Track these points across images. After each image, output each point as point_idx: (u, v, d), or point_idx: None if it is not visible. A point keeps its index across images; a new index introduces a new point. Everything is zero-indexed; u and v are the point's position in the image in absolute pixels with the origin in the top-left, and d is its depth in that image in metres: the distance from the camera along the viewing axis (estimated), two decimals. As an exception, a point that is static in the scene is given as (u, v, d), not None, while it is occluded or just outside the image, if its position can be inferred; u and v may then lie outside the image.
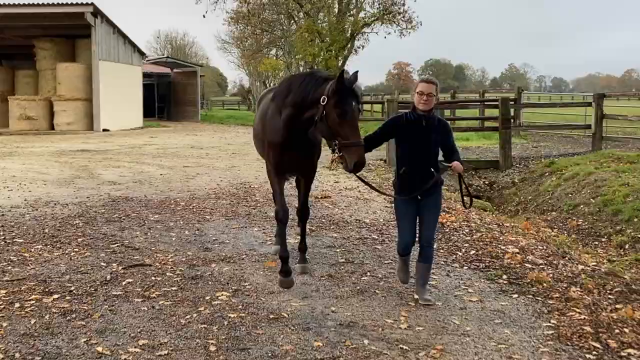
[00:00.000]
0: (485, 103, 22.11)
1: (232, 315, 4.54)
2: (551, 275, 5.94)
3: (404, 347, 4.10)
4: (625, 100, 31.54)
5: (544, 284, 5.61)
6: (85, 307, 4.68)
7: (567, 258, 6.98)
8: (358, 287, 5.34)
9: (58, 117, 25.62)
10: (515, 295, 5.30)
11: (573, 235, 10.57)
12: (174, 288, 5.19)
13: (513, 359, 3.99)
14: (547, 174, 14.34)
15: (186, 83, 39.28)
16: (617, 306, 5.09)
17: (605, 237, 10.34)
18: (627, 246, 9.66)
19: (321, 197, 9.69)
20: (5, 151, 16.60)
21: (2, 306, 4.66)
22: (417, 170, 4.90)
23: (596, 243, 10.18)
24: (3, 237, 6.84)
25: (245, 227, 7.60)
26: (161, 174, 12.27)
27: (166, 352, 3.91)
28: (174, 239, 6.96)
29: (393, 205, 5.26)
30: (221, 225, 7.69)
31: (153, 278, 5.44)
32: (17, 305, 4.69)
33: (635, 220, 10.23)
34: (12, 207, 8.61)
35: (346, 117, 4.61)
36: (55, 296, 4.91)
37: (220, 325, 4.38)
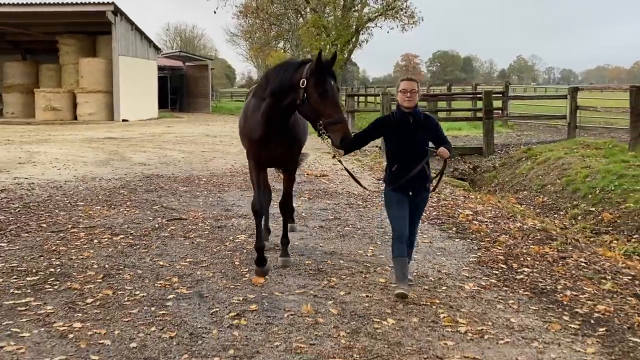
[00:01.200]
0: (478, 95, 23.84)
1: (249, 247, 6.42)
2: (490, 228, 7.80)
3: (368, 265, 5.98)
4: (609, 92, 33.07)
5: (482, 233, 7.47)
6: (144, 242, 6.59)
7: (511, 219, 8.84)
8: (341, 233, 7.23)
9: (81, 108, 27.59)
10: (458, 240, 7.17)
11: (537, 210, 12.42)
12: (205, 232, 7.09)
13: (441, 272, 5.86)
14: (523, 159, 16.13)
15: (198, 76, 41.17)
16: (531, 247, 6.95)
17: (564, 210, 12.16)
18: (579, 217, 11.48)
19: (320, 176, 11.56)
20: (40, 138, 18.56)
21: (86, 243, 6.56)
22: (407, 167, 4.99)
23: (555, 215, 12.00)
24: (68, 201, 8.76)
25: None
26: (183, 157, 14.18)
27: (206, 265, 5.82)
28: (200, 203, 8.87)
29: (384, 203, 5.26)
30: (237, 195, 9.58)
31: (189, 227, 7.35)
32: (95, 241, 6.60)
33: (590, 196, 12.02)
34: (66, 181, 10.54)
35: (327, 96, 4.79)
36: (121, 236, 6.82)
37: (241, 252, 6.28)
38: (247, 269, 5.68)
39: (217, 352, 3.91)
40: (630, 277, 6.00)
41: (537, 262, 6.29)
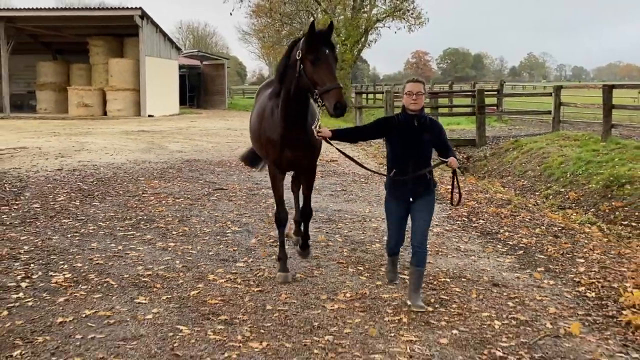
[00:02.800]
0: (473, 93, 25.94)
1: (278, 206, 8.66)
2: (464, 197, 9.99)
3: (364, 217, 8.22)
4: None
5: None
6: (200, 202, 8.86)
7: (482, 192, 11.02)
8: (346, 199, 9.47)
9: (110, 104, 29.97)
10: (436, 204, 9.36)
11: (517, 191, 14.57)
12: (243, 197, 9.36)
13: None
14: (511, 149, 18.28)
15: (214, 74, 43.51)
16: (491, 208, 9.14)
17: (539, 191, 14.29)
18: (550, 196, 13.60)
19: (330, 161, 13.77)
20: (82, 131, 20.91)
21: (157, 203, 8.83)
22: (409, 170, 4.85)
23: (532, 195, 14.13)
24: (131, 177, 11.06)
25: (279, 174, 11.74)
26: (212, 147, 16.46)
27: (248, 215, 8.08)
28: (235, 179, 11.13)
29: (384, 206, 5.25)
30: (263, 174, 11.78)
31: (230, 194, 9.62)
32: (163, 202, 8.88)
33: (562, 179, 14.15)
34: (122, 163, 12.84)
35: (319, 63, 4.69)
36: (181, 199, 9.10)
37: (272, 209, 8.52)
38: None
39: (265, 258, 6.17)
40: (559, 228, 8.18)
41: (492, 217, 8.50)
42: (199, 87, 44.29)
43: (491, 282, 5.58)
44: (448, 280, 5.61)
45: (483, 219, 8.35)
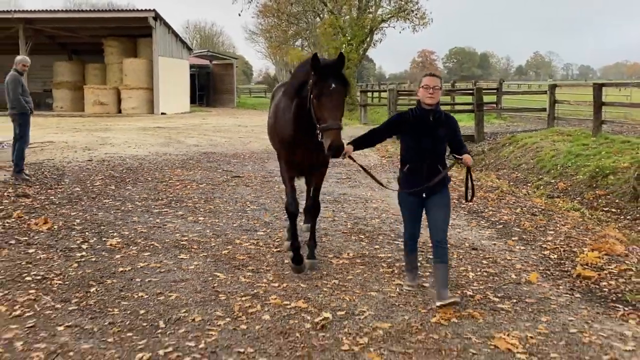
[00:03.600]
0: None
1: (290, 190, 9.77)
2: (457, 184, 11.08)
3: (366, 199, 9.32)
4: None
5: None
6: (220, 187, 9.99)
7: (475, 181, 12.10)
8: (350, 185, 10.59)
9: (125, 102, 31.19)
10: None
11: (511, 183, 15.63)
12: (258, 183, 10.49)
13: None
14: (507, 144, 19.34)
15: (223, 74, 44.70)
16: (479, 193, 10.23)
17: (531, 182, 15.34)
18: (541, 187, 14.65)
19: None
20: (101, 127, 22.10)
21: (182, 187, 9.96)
22: (423, 167, 4.78)
23: (524, 186, 15.18)
24: (155, 166, 12.20)
25: (289, 165, 12.87)
26: (225, 141, 17.60)
27: (264, 197, 9.20)
28: (249, 168, 12.26)
29: (398, 202, 5.14)
30: (275, 164, 12.89)
31: (247, 181, 10.74)
32: (188, 187, 10.01)
33: (552, 171, 15.21)
34: (145, 155, 13.98)
35: (321, 98, 4.59)
36: (203, 184, 10.22)
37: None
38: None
39: (281, 229, 7.28)
40: (539, 209, 9.26)
41: (479, 200, 9.60)
42: (208, 86, 45.48)
43: (471, 247, 6.68)
44: (435, 245, 6.73)
45: (471, 202, 9.43)
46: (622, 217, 11.10)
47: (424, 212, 5.00)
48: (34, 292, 4.92)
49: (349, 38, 43.74)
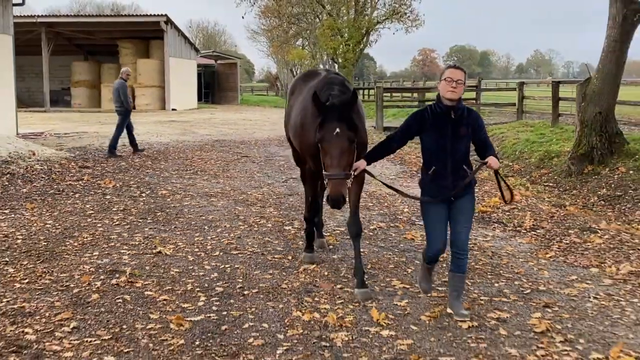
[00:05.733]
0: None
1: (286, 166, 12.60)
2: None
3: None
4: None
5: (413, 163, 13.56)
6: (233, 163, 12.84)
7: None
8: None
9: (139, 99, 34.02)
10: (396, 165, 13.26)
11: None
12: (263, 160, 13.34)
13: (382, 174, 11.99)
14: (479, 135, 22.17)
15: (228, 73, 47.55)
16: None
17: (493, 166, 18.21)
18: (500, 169, 17.56)
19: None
20: (122, 121, 24.93)
21: (202, 164, 12.78)
22: (447, 169, 4.39)
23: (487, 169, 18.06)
24: (178, 150, 15.04)
25: (288, 149, 15.68)
26: (233, 131, 20.45)
27: (267, 169, 12.04)
28: (255, 151, 15.10)
29: (420, 208, 4.75)
30: (275, 148, 15.79)
31: (253, 159, 13.58)
32: (207, 163, 12.83)
33: (511, 156, 17.99)
34: (167, 142, 16.82)
35: (323, 144, 4.30)
36: (220, 161, 13.07)
37: (283, 166, 12.47)
38: (290, 171, 11.89)
39: (281, 185, 10.10)
40: (490, 185, 12.04)
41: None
42: (213, 85, 48.31)
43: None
44: (394, 199, 9.55)
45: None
46: (556, 189, 13.89)
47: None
48: (122, 215, 7.78)
49: (346, 39, 46.54)
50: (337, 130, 4.25)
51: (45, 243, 6.37)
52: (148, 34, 34.88)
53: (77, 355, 3.79)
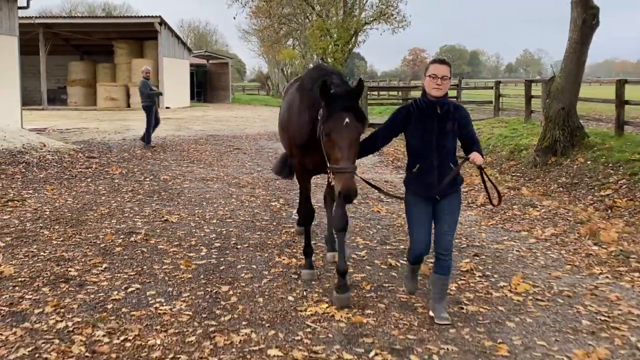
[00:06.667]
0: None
1: (275, 156, 13.87)
2: (403, 155, 15.20)
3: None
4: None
5: (393, 156, 14.86)
6: (226, 154, 14.10)
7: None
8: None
9: (133, 98, 35.08)
10: (378, 156, 14.56)
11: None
12: (253, 152, 14.61)
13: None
14: (458, 131, 23.51)
15: (220, 72, 48.72)
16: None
17: (469, 159, 19.53)
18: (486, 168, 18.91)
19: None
20: (119, 118, 26.12)
21: (198, 154, 14.02)
22: (433, 165, 4.24)
23: (463, 162, 19.39)
24: (175, 142, 16.26)
25: (276, 142, 16.96)
26: (225, 127, 21.69)
27: (257, 159, 13.31)
28: (246, 144, 16.35)
29: (404, 206, 4.53)
30: (265, 142, 17.04)
31: (244, 151, 14.83)
32: (203, 154, 14.06)
33: (485, 150, 19.28)
34: (164, 137, 18.03)
35: (331, 136, 4.03)
36: (214, 152, 14.32)
37: (272, 156, 13.75)
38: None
39: (272, 176, 11.36)
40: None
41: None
42: (205, 84, 49.45)
43: (392, 184, 10.77)
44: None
45: (402, 163, 13.54)
46: (522, 178, 15.21)
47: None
48: (131, 194, 9.03)
49: (335, 39, 47.82)
50: (347, 120, 4.02)
51: (70, 214, 7.61)
52: (142, 35, 35.98)
53: (111, 284, 5.05)
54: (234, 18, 76.86)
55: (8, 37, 17.81)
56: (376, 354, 3.82)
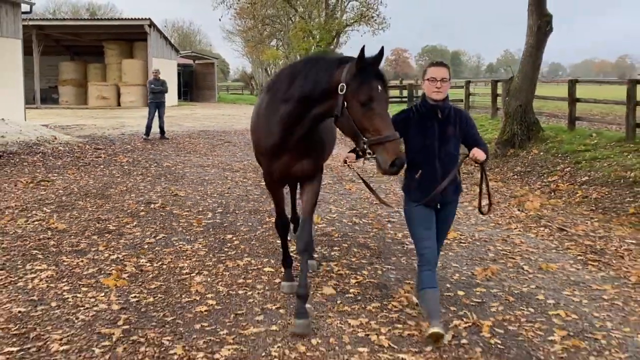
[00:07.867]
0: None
1: (262, 148, 15.55)
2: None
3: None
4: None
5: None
6: (217, 146, 15.75)
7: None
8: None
9: (123, 97, 36.59)
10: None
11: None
12: (242, 144, 16.26)
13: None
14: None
15: (205, 72, 50.23)
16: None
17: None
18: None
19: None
20: (113, 116, 27.59)
21: (193, 146, 15.64)
22: (436, 172, 4.13)
23: (434, 155, 21.19)
24: (174, 135, 17.83)
25: (263, 137, 18.64)
26: (214, 124, 23.31)
27: (246, 150, 14.98)
28: (235, 138, 17.99)
29: (404, 215, 4.37)
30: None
31: (234, 144, 16.48)
32: (198, 145, 15.69)
33: (454, 144, 21.22)
34: (158, 132, 19.58)
35: (372, 106, 3.73)
36: (207, 145, 15.95)
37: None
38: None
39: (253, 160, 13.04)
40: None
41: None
42: (191, 83, 50.92)
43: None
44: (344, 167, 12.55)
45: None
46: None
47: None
48: (141, 177, 10.67)
49: (317, 40, 49.50)
50: (380, 87, 3.78)
51: (95, 191, 9.24)
52: (132, 36, 37.40)
53: (143, 234, 6.72)
54: (220, 19, 77.87)
55: (13, 39, 19.29)
56: (338, 270, 5.55)
